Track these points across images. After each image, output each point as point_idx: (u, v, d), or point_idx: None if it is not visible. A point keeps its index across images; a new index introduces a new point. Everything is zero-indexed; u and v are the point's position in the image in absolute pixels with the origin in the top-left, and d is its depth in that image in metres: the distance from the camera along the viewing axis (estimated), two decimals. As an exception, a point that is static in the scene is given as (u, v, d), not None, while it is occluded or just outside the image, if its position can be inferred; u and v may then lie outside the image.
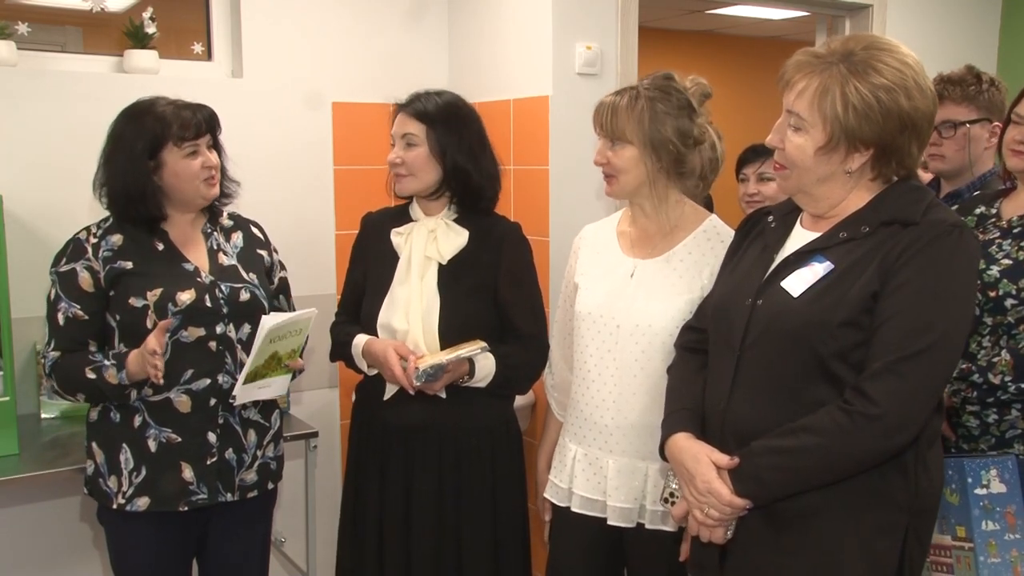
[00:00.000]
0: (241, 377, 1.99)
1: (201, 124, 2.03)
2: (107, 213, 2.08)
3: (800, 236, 1.64)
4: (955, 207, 2.23)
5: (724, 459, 1.55)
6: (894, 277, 1.46)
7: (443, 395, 2.13)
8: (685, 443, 1.62)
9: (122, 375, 1.96)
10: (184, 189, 2.04)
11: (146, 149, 1.99)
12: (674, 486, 1.66)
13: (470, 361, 2.11)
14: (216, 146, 2.12)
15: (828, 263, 1.53)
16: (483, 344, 2.09)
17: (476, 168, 2.18)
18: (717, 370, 1.65)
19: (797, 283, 1.55)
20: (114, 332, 2.03)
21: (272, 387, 2.08)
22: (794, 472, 1.49)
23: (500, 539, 2.22)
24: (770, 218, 1.73)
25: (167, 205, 2.07)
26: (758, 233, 1.73)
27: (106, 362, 1.98)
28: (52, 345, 2.03)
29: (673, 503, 1.66)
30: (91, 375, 1.98)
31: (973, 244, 1.51)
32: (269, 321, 1.95)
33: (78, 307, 2.01)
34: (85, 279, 2.01)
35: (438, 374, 2.06)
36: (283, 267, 2.29)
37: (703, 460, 1.57)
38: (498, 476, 2.22)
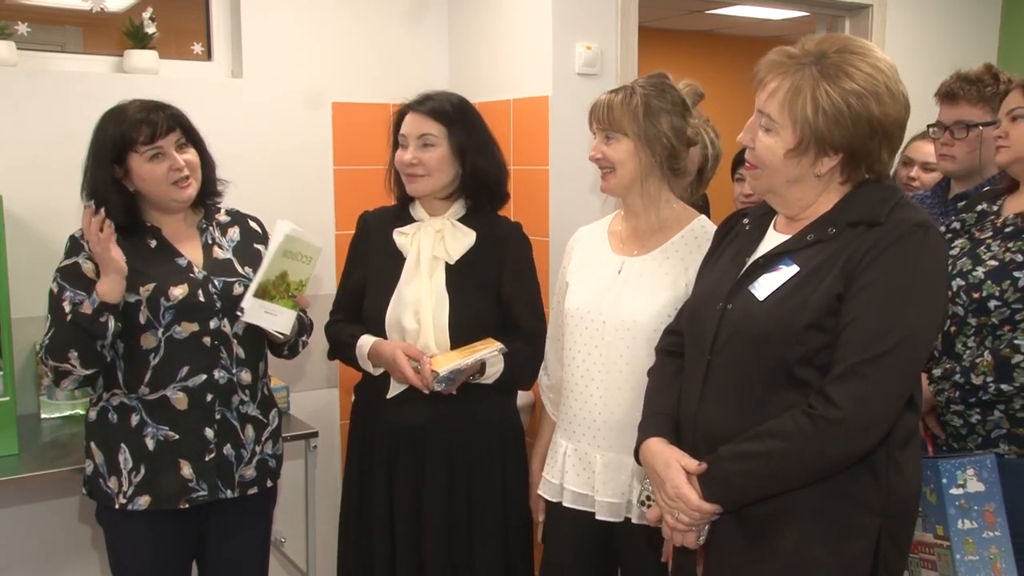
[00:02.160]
0: (252, 286, 2.02)
1: (158, 124, 2.00)
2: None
3: (772, 239, 1.63)
4: (962, 204, 2.22)
5: (693, 464, 1.55)
6: (858, 279, 1.45)
7: (454, 391, 2.13)
8: (657, 448, 1.62)
9: (93, 297, 1.93)
10: (154, 193, 2.03)
11: (109, 156, 2.00)
12: (650, 488, 1.67)
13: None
14: (195, 144, 2.09)
15: (794, 266, 1.53)
16: (499, 345, 2.10)
17: (492, 166, 2.21)
18: (690, 374, 1.65)
19: (764, 287, 1.54)
20: None
21: (279, 318, 2.08)
22: (761, 477, 1.49)
23: (511, 534, 2.23)
24: (745, 220, 1.73)
25: (148, 209, 2.08)
26: (734, 236, 1.73)
27: (77, 299, 1.96)
28: (51, 333, 2.00)
29: (649, 506, 1.67)
30: (69, 316, 1.94)
31: (939, 243, 1.49)
32: (288, 227, 1.99)
33: (84, 295, 1.99)
34: (89, 268, 2.01)
35: (456, 378, 2.07)
36: None
37: (673, 465, 1.57)
38: (508, 472, 2.23)
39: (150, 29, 2.77)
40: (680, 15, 6.34)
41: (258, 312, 2.04)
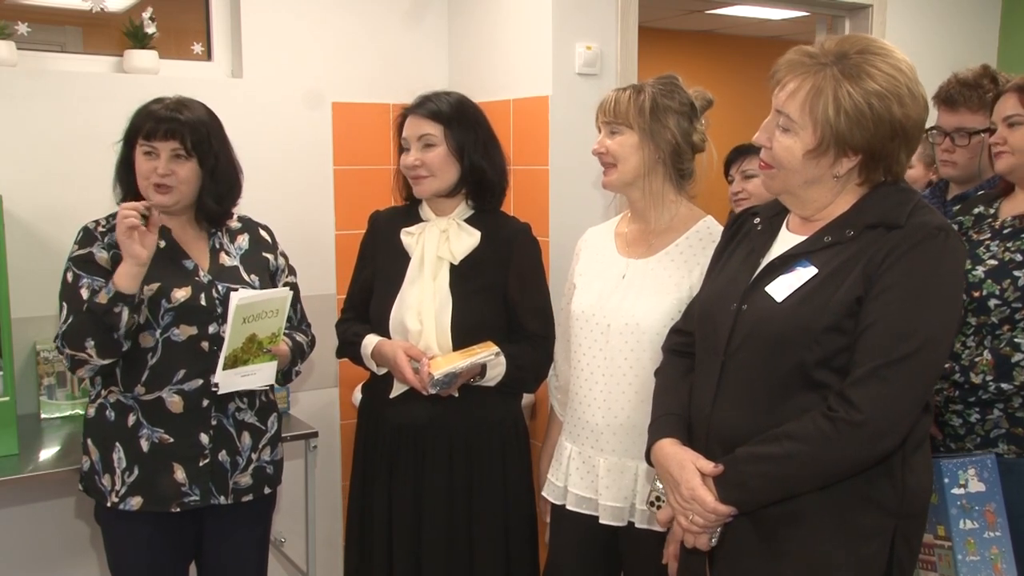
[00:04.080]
0: (220, 362, 1.96)
1: (159, 127, 2.00)
2: (109, 211, 2.09)
3: (786, 239, 1.62)
4: (956, 208, 2.22)
5: (709, 466, 1.54)
6: (878, 281, 1.44)
7: (456, 393, 2.13)
8: (670, 449, 1.61)
9: (109, 287, 1.92)
10: (140, 186, 2.05)
11: (127, 137, 2.05)
12: (660, 490, 1.66)
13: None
14: (202, 158, 2.04)
15: (812, 268, 1.52)
16: (496, 349, 2.09)
17: (490, 164, 2.21)
18: (702, 375, 1.64)
19: (781, 288, 1.53)
20: None
21: (258, 375, 2.04)
22: (779, 479, 1.48)
23: (511, 536, 2.23)
24: (757, 220, 1.71)
25: None
26: (745, 235, 1.72)
27: (96, 285, 1.97)
28: (69, 321, 1.96)
29: (659, 507, 1.66)
30: (85, 299, 1.94)
31: (959, 247, 1.49)
32: (237, 298, 1.93)
33: (101, 281, 1.99)
34: (103, 257, 2.02)
35: (452, 381, 2.07)
36: (292, 272, 2.27)
37: (688, 467, 1.55)
38: (508, 473, 2.23)
39: (150, 29, 2.77)
40: (680, 15, 6.34)
41: (234, 380, 2.01)
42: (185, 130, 2.02)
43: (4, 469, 2.24)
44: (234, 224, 2.20)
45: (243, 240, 2.19)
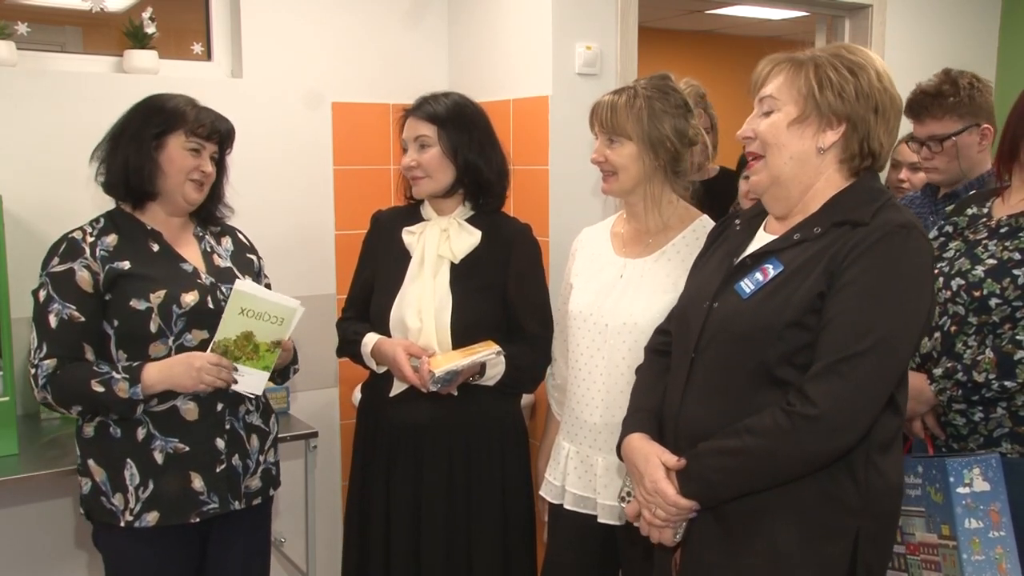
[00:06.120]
0: (211, 345, 1.95)
1: (215, 130, 2.04)
2: (104, 212, 2.08)
3: (761, 239, 1.65)
4: (950, 207, 2.24)
5: (672, 460, 1.56)
6: (839, 277, 1.46)
7: (455, 392, 2.14)
8: (638, 443, 1.64)
9: (135, 390, 1.89)
10: (171, 178, 2.00)
11: (157, 128, 1.99)
12: (630, 485, 1.68)
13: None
14: (220, 164, 2.11)
15: (780, 264, 1.54)
16: (497, 348, 2.10)
17: (487, 164, 2.21)
18: (675, 372, 1.66)
19: (748, 285, 1.56)
20: (110, 339, 1.97)
21: (246, 379, 1.98)
22: (739, 473, 1.49)
23: (509, 535, 2.23)
24: (737, 222, 1.74)
25: (152, 207, 2.05)
26: (725, 238, 1.74)
27: (115, 375, 1.90)
28: (44, 351, 1.93)
29: (628, 502, 1.68)
30: (99, 388, 1.89)
31: (923, 245, 1.49)
32: (241, 284, 1.92)
33: (73, 308, 1.93)
34: (84, 278, 1.94)
35: (453, 379, 2.07)
36: (265, 276, 2.27)
37: (652, 460, 1.58)
38: (507, 472, 2.23)
39: (150, 29, 2.77)
40: (680, 15, 6.35)
41: None
42: (227, 140, 2.09)
43: (4, 469, 2.24)
44: (214, 227, 2.19)
45: (227, 242, 2.19)
